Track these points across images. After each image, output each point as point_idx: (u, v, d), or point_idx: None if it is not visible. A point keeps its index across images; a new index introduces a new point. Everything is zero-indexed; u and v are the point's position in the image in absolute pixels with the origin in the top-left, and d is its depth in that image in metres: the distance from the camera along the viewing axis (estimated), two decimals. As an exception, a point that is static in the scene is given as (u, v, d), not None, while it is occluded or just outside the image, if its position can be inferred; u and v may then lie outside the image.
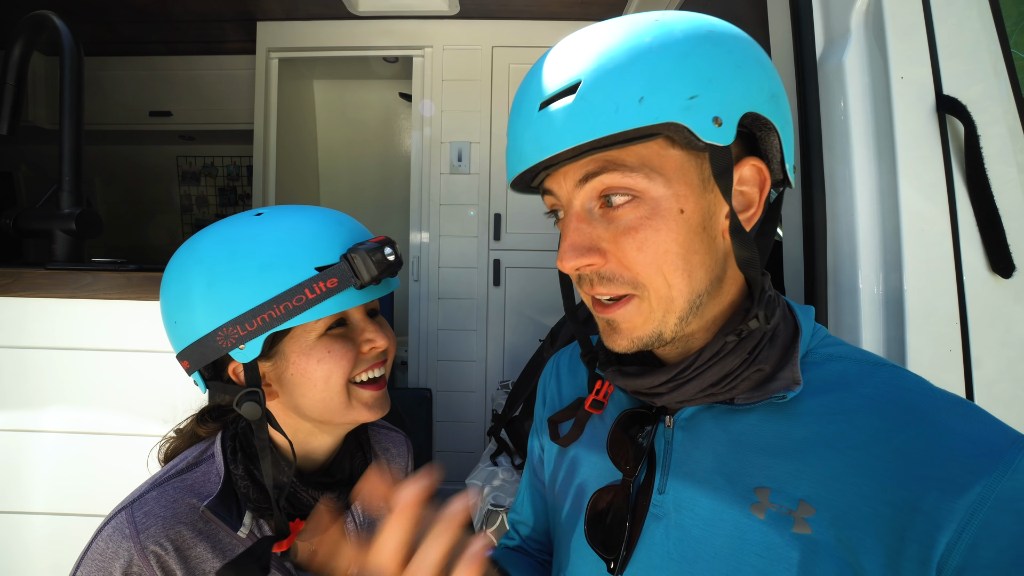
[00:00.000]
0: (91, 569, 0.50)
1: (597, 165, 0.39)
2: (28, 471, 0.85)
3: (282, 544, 0.53)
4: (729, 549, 0.39)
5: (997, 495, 0.31)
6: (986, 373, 0.65)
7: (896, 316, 0.67)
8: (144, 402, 0.85)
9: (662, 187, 0.38)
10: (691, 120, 0.36)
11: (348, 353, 0.55)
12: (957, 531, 0.31)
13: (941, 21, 0.69)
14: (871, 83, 0.71)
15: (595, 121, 0.36)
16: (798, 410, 0.40)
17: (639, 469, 0.45)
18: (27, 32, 0.98)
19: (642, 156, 0.38)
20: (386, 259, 0.53)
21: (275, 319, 0.50)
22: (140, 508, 0.53)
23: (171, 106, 2.62)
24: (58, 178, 0.96)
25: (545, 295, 2.24)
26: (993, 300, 0.65)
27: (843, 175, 0.72)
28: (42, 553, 0.85)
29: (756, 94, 0.38)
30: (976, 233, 0.66)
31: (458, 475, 2.23)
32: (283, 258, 0.51)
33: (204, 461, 0.59)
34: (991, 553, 0.31)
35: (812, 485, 0.37)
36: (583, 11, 2.13)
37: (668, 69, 0.36)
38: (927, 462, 0.34)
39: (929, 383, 0.39)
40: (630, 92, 0.36)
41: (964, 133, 0.65)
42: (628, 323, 0.42)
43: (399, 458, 0.75)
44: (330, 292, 0.51)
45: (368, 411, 0.57)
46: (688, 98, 0.36)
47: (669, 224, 0.38)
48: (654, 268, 0.39)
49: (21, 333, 0.85)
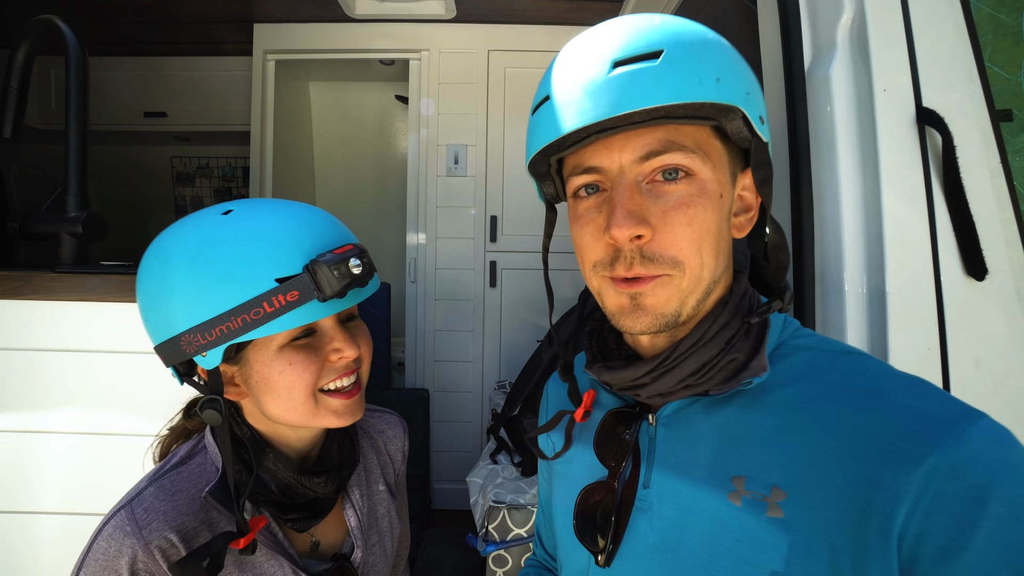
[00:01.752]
0: (95, 569, 0.50)
1: (662, 143, 0.40)
2: (38, 471, 0.86)
3: (239, 542, 0.52)
4: (709, 536, 0.42)
5: (948, 465, 0.34)
6: (962, 369, 0.69)
7: (879, 315, 0.70)
8: (152, 403, 0.87)
9: (710, 171, 0.42)
10: (750, 110, 0.40)
11: (311, 364, 0.53)
12: (914, 501, 0.34)
13: (921, 36, 0.72)
14: (856, 94, 0.74)
15: (681, 86, 0.38)
16: (770, 400, 0.43)
17: (624, 465, 0.48)
18: (32, 36, 0.99)
19: (696, 139, 0.41)
20: (350, 271, 0.50)
21: (233, 331, 0.48)
22: (140, 505, 0.52)
23: (166, 107, 2.62)
24: (64, 182, 0.97)
25: (541, 296, 2.27)
26: (968, 301, 0.69)
27: (829, 181, 0.75)
28: (51, 552, 0.86)
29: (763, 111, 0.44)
30: (952, 238, 0.70)
31: (455, 474, 2.26)
32: (243, 267, 0.48)
33: (198, 453, 0.59)
34: (944, 519, 0.33)
35: (783, 471, 0.40)
36: (578, 16, 2.17)
37: (733, 63, 0.41)
38: (884, 439, 0.36)
39: (891, 367, 0.42)
40: (710, 70, 0.39)
41: (941, 143, 0.69)
42: (655, 298, 0.42)
43: (395, 439, 0.75)
44: (290, 306, 0.49)
45: (336, 418, 0.56)
46: (745, 92, 0.40)
47: (714, 205, 0.42)
48: (695, 245, 0.41)
49: (31, 335, 0.86)
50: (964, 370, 0.69)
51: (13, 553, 0.86)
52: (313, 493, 0.59)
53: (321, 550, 0.63)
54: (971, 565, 0.33)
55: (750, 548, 0.40)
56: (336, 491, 0.61)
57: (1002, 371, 0.70)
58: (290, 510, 0.58)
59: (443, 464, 2.29)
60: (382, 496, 0.71)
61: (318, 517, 0.60)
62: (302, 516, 0.58)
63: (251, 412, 0.59)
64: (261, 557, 0.57)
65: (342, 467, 0.63)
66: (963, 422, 0.35)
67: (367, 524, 0.67)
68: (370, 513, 0.69)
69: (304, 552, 0.61)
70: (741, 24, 1.17)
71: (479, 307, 2.27)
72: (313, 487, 0.58)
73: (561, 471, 0.56)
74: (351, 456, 0.65)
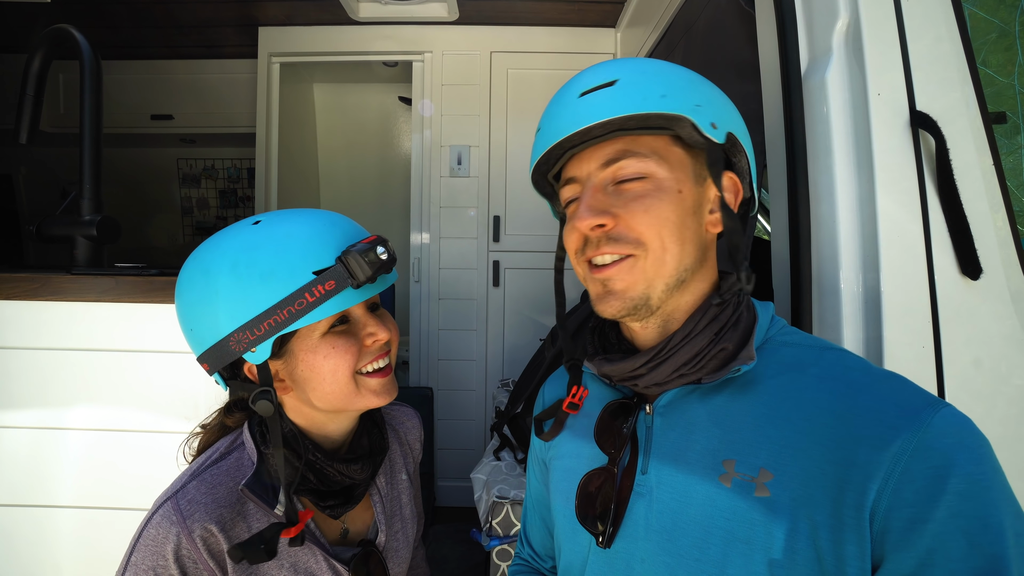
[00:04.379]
0: (145, 554, 0.54)
1: (618, 152, 0.48)
2: (56, 467, 0.89)
3: (290, 531, 0.56)
4: (702, 516, 0.45)
5: (914, 446, 0.38)
6: (956, 367, 0.70)
7: (874, 314, 0.72)
8: (166, 401, 0.89)
9: (666, 171, 0.48)
10: (698, 118, 0.46)
11: (351, 347, 0.59)
12: (884, 478, 0.38)
13: (915, 41, 0.74)
14: (851, 99, 0.76)
15: (627, 102, 0.46)
16: (759, 390, 0.47)
17: (623, 453, 0.51)
18: (47, 44, 1.02)
19: (653, 146, 0.48)
20: (379, 258, 0.55)
21: (280, 323, 0.53)
22: (183, 497, 0.56)
23: (172, 109, 2.65)
24: (78, 186, 1.00)
25: (543, 295, 2.29)
26: (962, 300, 0.71)
27: (826, 184, 0.77)
28: (69, 545, 0.89)
29: (736, 123, 0.50)
30: (947, 238, 0.71)
31: (458, 471, 2.28)
32: (282, 265, 0.54)
33: (236, 449, 0.63)
34: (909, 494, 0.37)
35: (770, 453, 0.43)
36: (579, 17, 2.18)
37: (682, 83, 0.47)
38: (860, 424, 0.40)
39: (869, 363, 0.46)
40: (656, 89, 0.46)
41: (935, 146, 0.70)
42: (622, 282, 0.48)
43: (413, 430, 0.81)
44: (329, 294, 0.54)
45: (376, 397, 0.61)
46: (695, 104, 0.46)
47: (671, 197, 0.48)
48: (655, 230, 0.47)
49: (48, 335, 0.88)
50: (958, 368, 0.70)
51: (32, 545, 0.89)
52: (349, 480, 0.63)
53: (350, 537, 0.67)
54: (933, 535, 0.36)
55: (740, 526, 0.43)
56: (372, 475, 0.66)
57: (997, 370, 0.71)
58: (327, 497, 0.62)
59: (446, 461, 2.31)
60: (405, 485, 0.75)
61: (353, 503, 0.64)
62: (338, 503, 0.62)
63: (292, 407, 0.63)
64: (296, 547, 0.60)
65: (374, 453, 0.67)
66: (927, 410, 0.39)
67: (391, 511, 0.71)
68: (394, 501, 0.73)
69: (334, 540, 0.65)
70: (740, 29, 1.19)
71: (482, 306, 2.29)
72: (351, 473, 0.63)
73: (560, 465, 0.59)
74: (380, 443, 0.69)
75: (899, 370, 0.47)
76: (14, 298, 0.87)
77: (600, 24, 2.22)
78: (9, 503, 0.88)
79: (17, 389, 0.88)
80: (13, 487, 0.88)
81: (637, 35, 2.04)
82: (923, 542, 0.36)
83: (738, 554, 0.42)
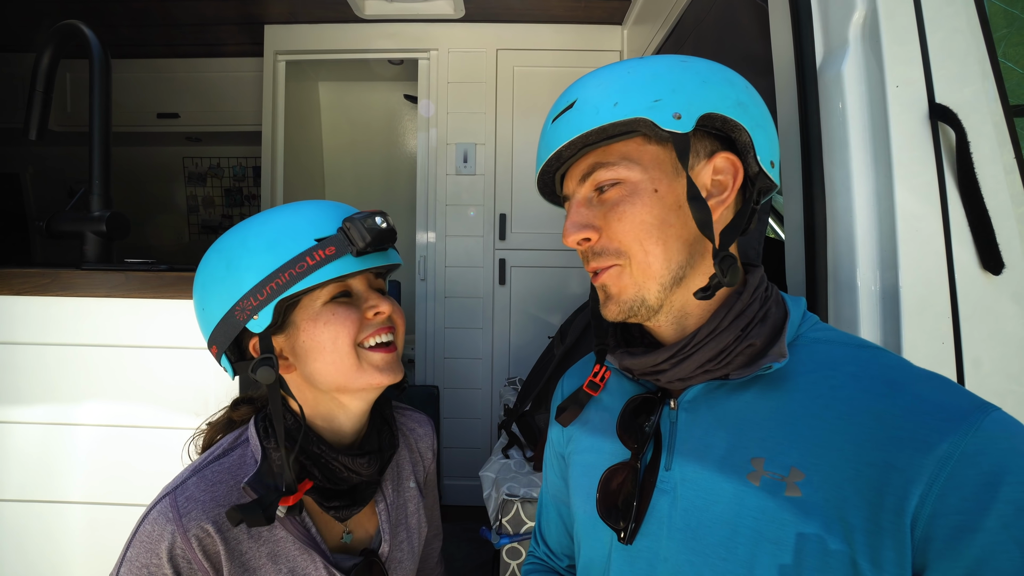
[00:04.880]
0: (140, 551, 0.53)
1: (590, 166, 0.49)
2: (65, 463, 0.88)
3: (288, 499, 0.56)
4: (729, 515, 0.44)
5: (962, 451, 0.36)
6: (977, 364, 0.69)
7: (892, 311, 0.71)
8: (176, 396, 0.89)
9: (639, 173, 0.48)
10: (655, 115, 0.45)
11: (352, 316, 0.59)
12: (928, 483, 0.36)
13: (933, 31, 0.73)
14: (868, 91, 0.75)
15: (581, 121, 0.47)
16: (789, 387, 0.46)
17: (646, 448, 0.50)
18: (57, 41, 1.02)
19: (622, 152, 0.48)
20: (377, 226, 0.57)
21: (282, 286, 0.54)
22: (182, 494, 0.56)
23: (178, 108, 2.65)
24: (88, 182, 1.00)
25: (550, 294, 2.28)
26: (984, 296, 0.70)
27: (842, 178, 0.76)
28: (79, 540, 0.89)
29: (720, 100, 0.47)
30: (967, 232, 0.70)
31: (465, 470, 2.28)
32: (287, 233, 0.56)
33: (239, 446, 0.62)
34: (956, 500, 0.36)
35: (801, 452, 0.42)
36: (586, 14, 2.17)
37: (638, 83, 0.47)
38: (901, 425, 0.39)
39: (907, 361, 0.44)
40: (608, 100, 0.46)
41: (955, 139, 0.69)
42: (615, 287, 0.50)
43: (425, 437, 0.78)
44: (329, 259, 0.55)
45: (379, 373, 0.60)
46: (653, 100, 0.45)
47: (644, 200, 0.47)
48: (632, 236, 0.47)
49: (58, 331, 0.88)
50: (979, 365, 0.69)
51: (42, 540, 0.89)
52: (356, 476, 0.61)
53: (352, 544, 0.65)
54: (983, 545, 0.34)
55: (769, 525, 0.42)
56: (379, 472, 0.64)
57: (1020, 366, 0.70)
58: (333, 497, 0.60)
59: (453, 460, 2.30)
60: (412, 493, 0.73)
61: (359, 505, 0.62)
62: (344, 504, 0.61)
63: (298, 386, 0.62)
64: (295, 550, 0.59)
65: (383, 450, 0.66)
66: (976, 413, 0.37)
67: (396, 519, 0.69)
68: (400, 509, 0.70)
69: (335, 547, 0.63)
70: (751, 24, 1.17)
71: (488, 304, 2.28)
72: (357, 468, 0.61)
73: (580, 460, 0.58)
74: (391, 441, 0.68)
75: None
76: (24, 293, 0.87)
77: (606, 21, 2.21)
78: (19, 499, 0.88)
79: (27, 385, 0.88)
80: (23, 483, 0.88)
81: (644, 32, 2.03)
82: (971, 552, 0.35)
83: (767, 554, 0.41)
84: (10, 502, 0.88)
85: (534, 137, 2.25)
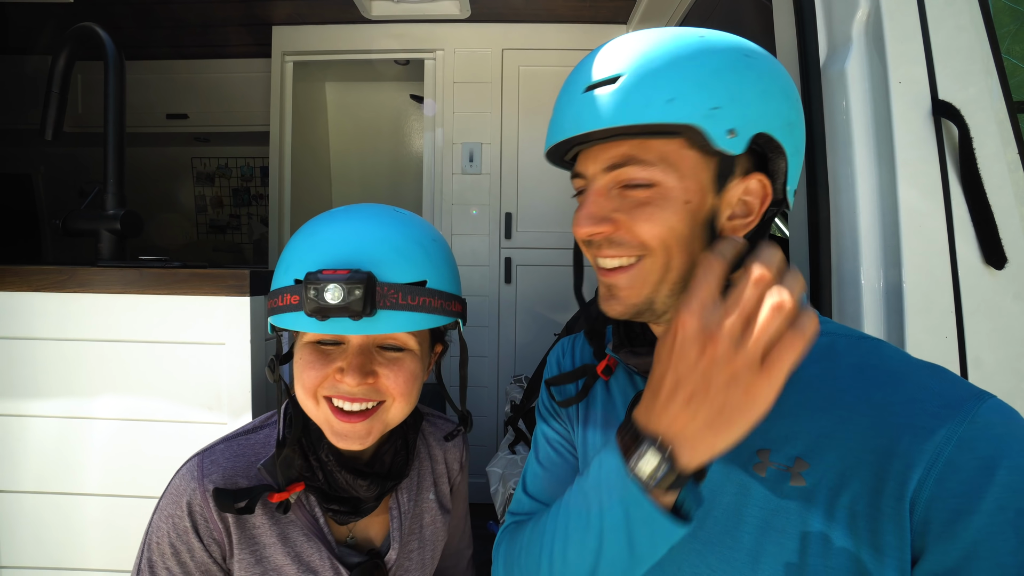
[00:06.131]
0: (168, 501, 0.58)
1: (622, 157, 0.44)
2: (82, 456, 0.90)
3: (274, 496, 0.57)
4: (734, 505, 0.45)
5: (959, 437, 0.37)
6: (980, 358, 0.70)
7: (896, 307, 0.71)
8: (189, 391, 0.90)
9: (675, 180, 0.44)
10: (710, 126, 0.41)
11: (314, 368, 0.54)
12: (926, 468, 0.37)
13: (936, 29, 0.73)
14: (871, 88, 0.75)
15: (628, 110, 0.42)
16: (791, 379, 0.45)
17: None
18: (72, 42, 1.04)
19: (661, 152, 0.44)
20: (322, 300, 0.48)
21: (269, 309, 0.56)
22: (209, 456, 0.60)
23: (187, 109, 2.68)
24: (103, 181, 1.02)
25: (555, 292, 2.29)
26: (987, 291, 0.70)
27: (845, 175, 0.76)
28: (96, 532, 0.91)
29: (774, 119, 0.43)
30: (970, 228, 0.70)
31: (471, 467, 2.28)
32: (285, 260, 0.56)
33: (268, 426, 0.65)
34: (954, 484, 0.36)
35: (805, 443, 0.43)
36: (591, 14, 2.18)
37: (699, 79, 0.41)
38: (901, 413, 0.40)
39: (907, 353, 0.45)
40: (662, 92, 0.41)
41: (958, 136, 0.70)
42: (627, 289, 0.47)
43: (454, 448, 0.77)
44: (290, 307, 0.52)
45: (335, 437, 0.56)
46: (711, 108, 0.41)
47: (676, 207, 0.44)
48: (659, 238, 0.44)
49: (74, 326, 0.90)
50: (982, 359, 0.69)
51: (59, 532, 0.91)
52: (354, 493, 0.60)
53: (359, 543, 0.65)
54: (979, 527, 0.35)
55: (775, 515, 0.43)
56: (377, 498, 0.61)
57: (1022, 361, 0.70)
58: (333, 501, 0.60)
59: (459, 458, 2.32)
60: (430, 505, 0.71)
61: (359, 515, 0.61)
62: (344, 510, 0.60)
63: None
64: (302, 536, 0.60)
65: (389, 476, 0.63)
66: (972, 400, 0.38)
67: (408, 529, 0.67)
68: (415, 519, 0.69)
69: (342, 540, 0.64)
70: (756, 20, 1.18)
71: (494, 303, 2.30)
72: (355, 488, 0.60)
73: (590, 452, 0.59)
74: (402, 468, 0.64)
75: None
76: (42, 290, 0.89)
77: (612, 21, 2.22)
78: (37, 490, 0.91)
79: (45, 379, 0.90)
80: (41, 475, 0.90)
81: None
82: (968, 534, 0.36)
83: (772, 543, 0.42)
84: (29, 494, 0.90)
85: (539, 136, 2.26)
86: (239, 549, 0.58)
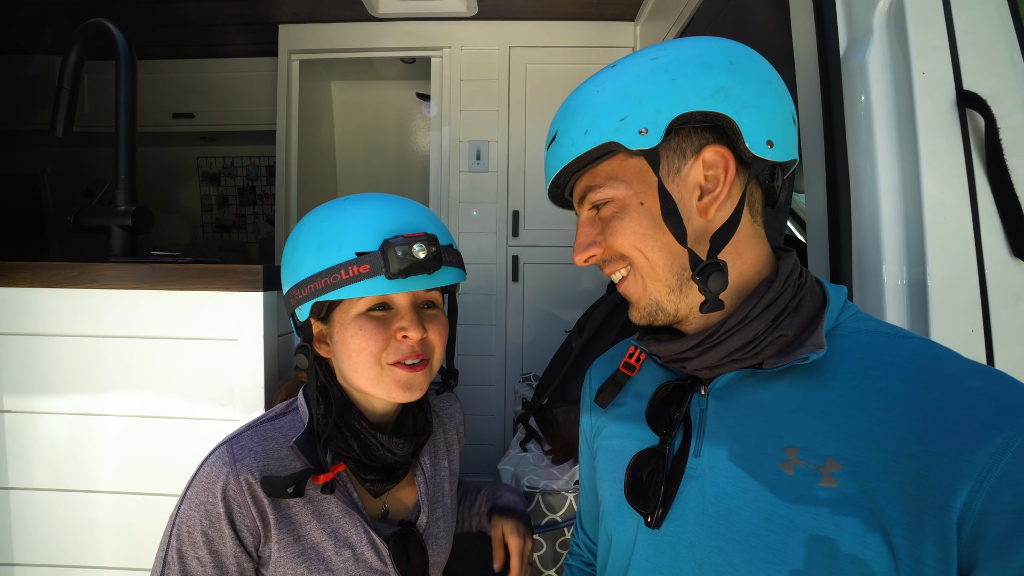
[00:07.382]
0: (198, 490, 0.58)
1: (583, 189, 0.53)
2: (95, 453, 0.90)
3: (319, 478, 0.59)
4: (760, 503, 0.43)
5: (1017, 447, 0.34)
6: (1008, 352, 0.68)
7: (920, 298, 0.70)
8: (201, 386, 0.90)
9: (624, 189, 0.49)
10: (621, 136, 0.46)
11: (378, 335, 0.59)
12: (978, 480, 0.35)
13: (960, 17, 0.72)
14: (893, 79, 0.74)
15: (562, 154, 0.51)
16: (826, 376, 0.44)
17: (675, 433, 0.50)
18: (83, 39, 1.03)
19: (607, 172, 0.50)
20: (413, 256, 0.56)
21: (318, 290, 0.58)
22: (238, 443, 0.60)
23: (193, 108, 2.69)
24: (114, 177, 1.01)
25: (563, 290, 2.28)
26: (1014, 282, 0.69)
27: (866, 168, 0.75)
28: (106, 528, 0.90)
29: (693, 96, 0.45)
30: (996, 220, 0.69)
31: (479, 467, 2.28)
32: (334, 240, 0.58)
33: (290, 412, 0.66)
34: (1010, 499, 0.34)
35: (838, 443, 0.41)
36: (598, 11, 2.17)
37: (604, 105, 0.48)
38: (949, 419, 0.37)
39: (957, 353, 0.42)
40: (579, 129, 0.49)
41: (984, 125, 0.69)
42: (633, 294, 0.52)
43: (457, 414, 0.82)
44: (361, 276, 0.56)
45: (399, 388, 0.61)
46: (619, 120, 0.46)
47: (631, 214, 0.49)
48: (628, 246, 0.49)
49: (86, 322, 0.90)
50: (1010, 352, 0.68)
51: (72, 529, 0.91)
52: (391, 455, 0.64)
53: (391, 516, 0.68)
54: None
55: (803, 515, 0.41)
56: (412, 454, 0.67)
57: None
58: (369, 471, 0.63)
59: (466, 456, 2.31)
60: (447, 473, 0.76)
61: (393, 481, 0.65)
62: (379, 478, 0.63)
63: (337, 371, 0.65)
64: (338, 512, 0.62)
65: (417, 433, 0.68)
66: None
67: (434, 495, 0.72)
68: (437, 486, 0.73)
69: (375, 516, 0.66)
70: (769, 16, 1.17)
71: (501, 301, 2.29)
72: (392, 447, 0.63)
73: (608, 445, 0.58)
74: (425, 426, 0.70)
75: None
76: (55, 286, 0.89)
77: (619, 18, 2.21)
78: (50, 487, 0.90)
79: (57, 375, 0.90)
80: (54, 472, 0.90)
81: (657, 28, 2.02)
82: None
83: (799, 543, 0.41)
84: (42, 491, 0.90)
85: (546, 133, 2.25)
86: (277, 530, 0.58)
